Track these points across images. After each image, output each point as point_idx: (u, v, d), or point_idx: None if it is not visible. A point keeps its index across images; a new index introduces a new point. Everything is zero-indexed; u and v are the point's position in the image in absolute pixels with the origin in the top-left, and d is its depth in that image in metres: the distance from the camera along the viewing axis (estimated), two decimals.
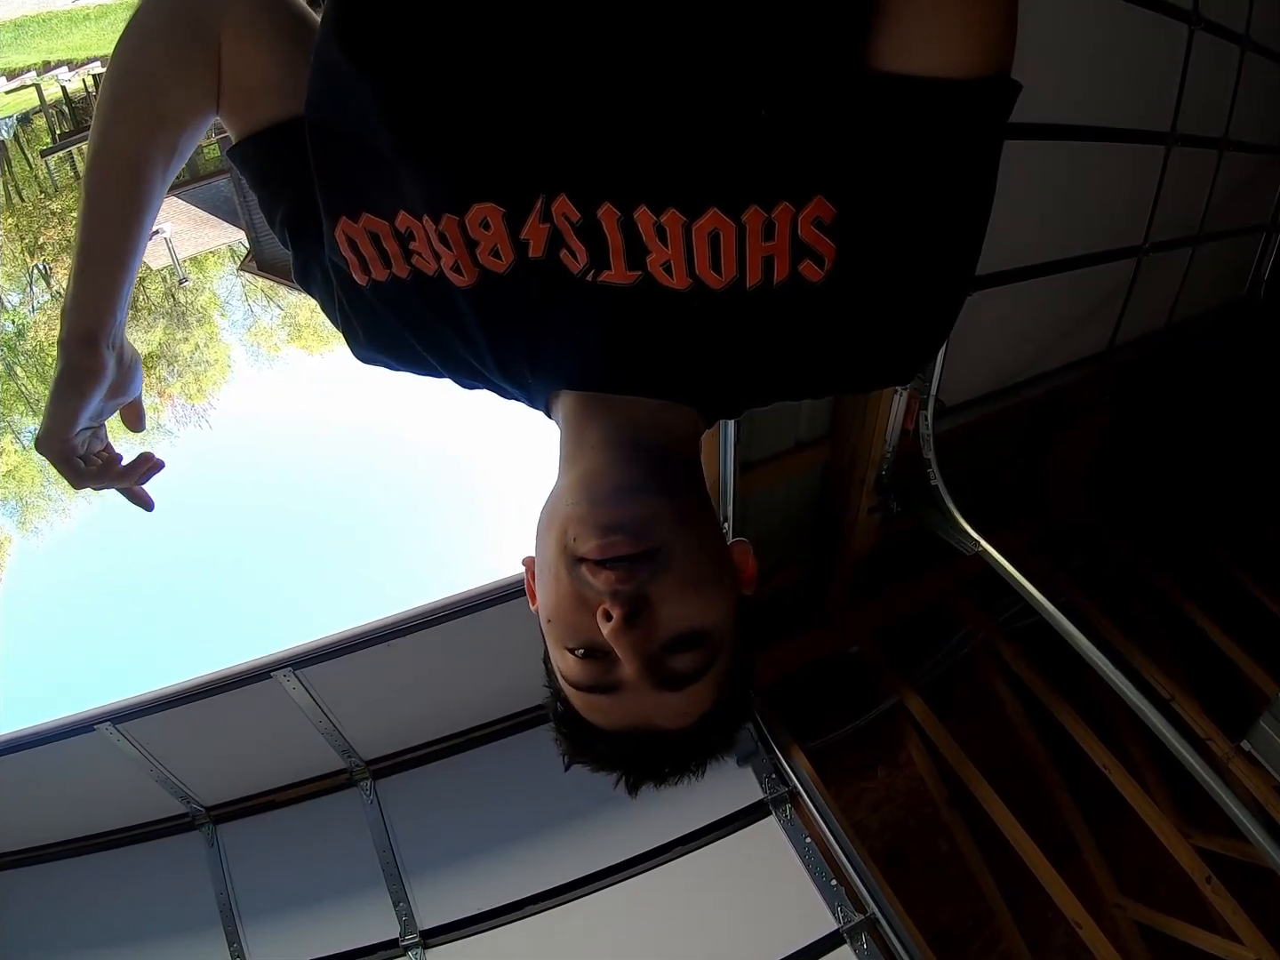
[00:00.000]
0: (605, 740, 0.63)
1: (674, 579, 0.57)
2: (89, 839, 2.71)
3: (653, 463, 0.61)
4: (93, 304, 0.66)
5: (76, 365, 0.67)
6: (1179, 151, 2.73)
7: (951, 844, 2.96)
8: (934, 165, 0.56)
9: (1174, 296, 3.20)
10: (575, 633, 0.60)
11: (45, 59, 13.79)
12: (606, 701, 0.61)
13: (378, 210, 0.61)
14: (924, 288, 0.60)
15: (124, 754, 2.53)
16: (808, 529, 2.93)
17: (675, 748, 0.63)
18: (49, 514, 17.98)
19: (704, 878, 2.38)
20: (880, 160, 0.56)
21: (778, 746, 2.51)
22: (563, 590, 0.59)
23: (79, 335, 0.66)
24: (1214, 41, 2.63)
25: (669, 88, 0.54)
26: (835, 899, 2.27)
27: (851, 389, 1.14)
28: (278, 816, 2.70)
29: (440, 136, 0.57)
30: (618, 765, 0.65)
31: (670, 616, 0.58)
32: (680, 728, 0.61)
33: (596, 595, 0.57)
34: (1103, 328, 2.98)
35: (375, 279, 0.64)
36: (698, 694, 0.60)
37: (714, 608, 0.60)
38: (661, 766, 0.65)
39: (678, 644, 0.58)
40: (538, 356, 0.64)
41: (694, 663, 0.59)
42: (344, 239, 0.63)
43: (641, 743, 0.62)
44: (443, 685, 2.62)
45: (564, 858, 2.43)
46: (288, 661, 2.43)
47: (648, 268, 0.58)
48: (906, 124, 0.55)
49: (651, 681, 0.58)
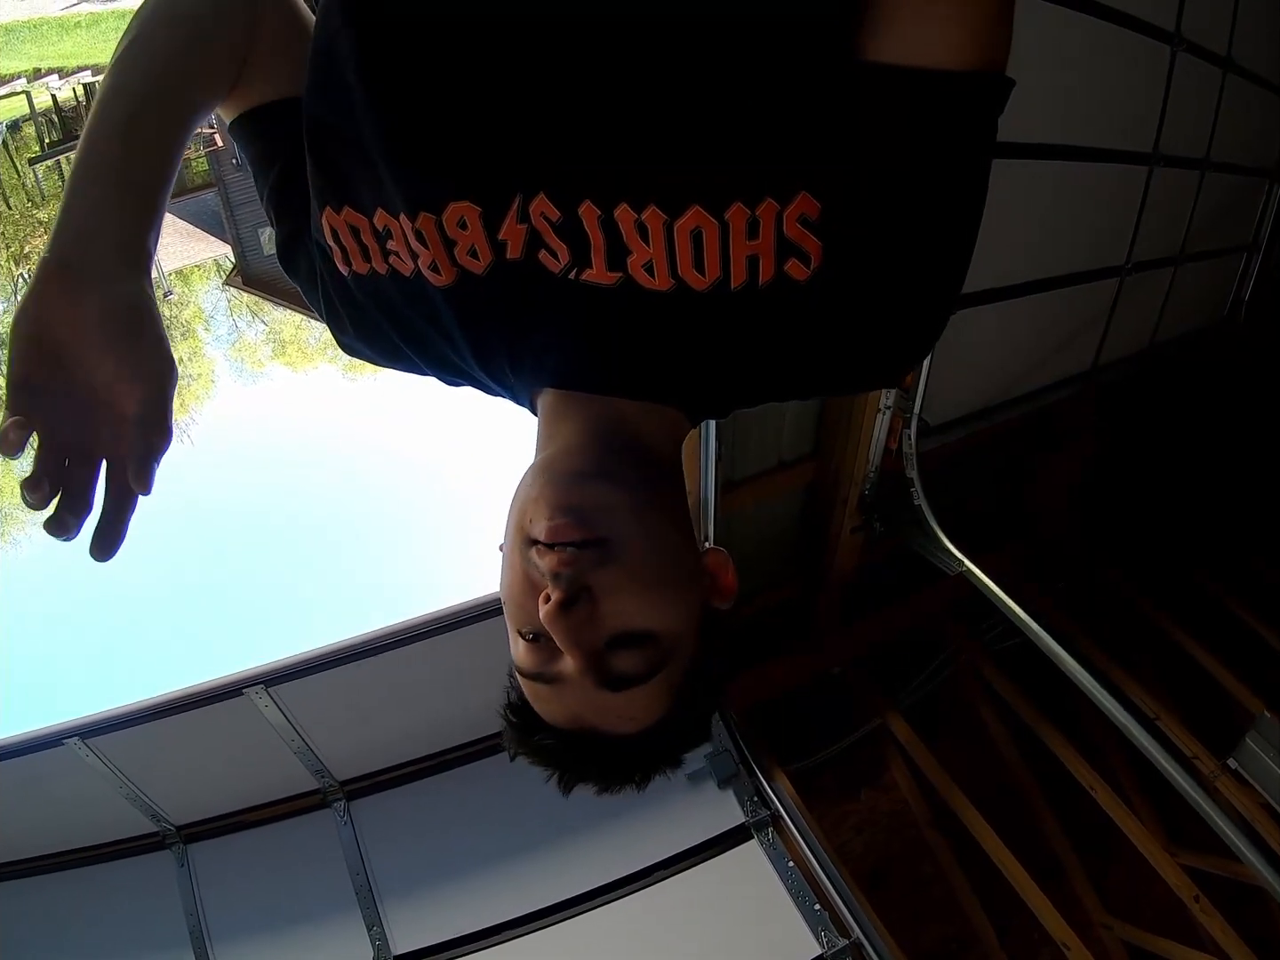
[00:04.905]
0: (547, 734, 0.61)
1: (622, 572, 0.55)
2: (55, 856, 2.64)
3: (618, 455, 0.59)
4: (140, 228, 0.54)
5: (136, 293, 0.52)
6: (1161, 172, 2.75)
7: (936, 866, 2.93)
8: (923, 158, 0.54)
9: (1156, 317, 3.23)
10: (523, 616, 0.58)
11: (35, 66, 13.74)
12: (548, 692, 0.59)
13: (358, 206, 0.60)
14: (913, 286, 0.59)
15: (93, 770, 2.47)
16: (791, 550, 2.91)
17: (614, 753, 0.61)
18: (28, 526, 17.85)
19: (685, 902, 2.34)
20: (867, 153, 0.54)
21: (760, 769, 2.47)
22: (515, 572, 0.58)
23: (130, 253, 0.53)
24: (1196, 63, 2.66)
25: (648, 82, 0.53)
26: (819, 923, 2.23)
27: (840, 390, 1.12)
28: (249, 837, 2.64)
29: (418, 133, 0.56)
30: (553, 761, 0.62)
31: (614, 611, 0.56)
32: (621, 733, 0.59)
33: (542, 578, 0.55)
34: (1086, 349, 3.00)
35: (356, 271, 0.63)
36: (640, 700, 0.58)
37: (666, 610, 0.58)
38: (598, 770, 0.62)
39: (621, 641, 0.56)
40: (518, 357, 0.63)
41: (637, 664, 0.57)
42: (328, 228, 0.62)
43: (581, 742, 0.60)
44: (419, 705, 2.59)
45: (542, 882, 2.38)
46: (260, 678, 2.39)
47: (629, 269, 0.56)
48: (895, 115, 0.53)
49: (592, 678, 0.56)
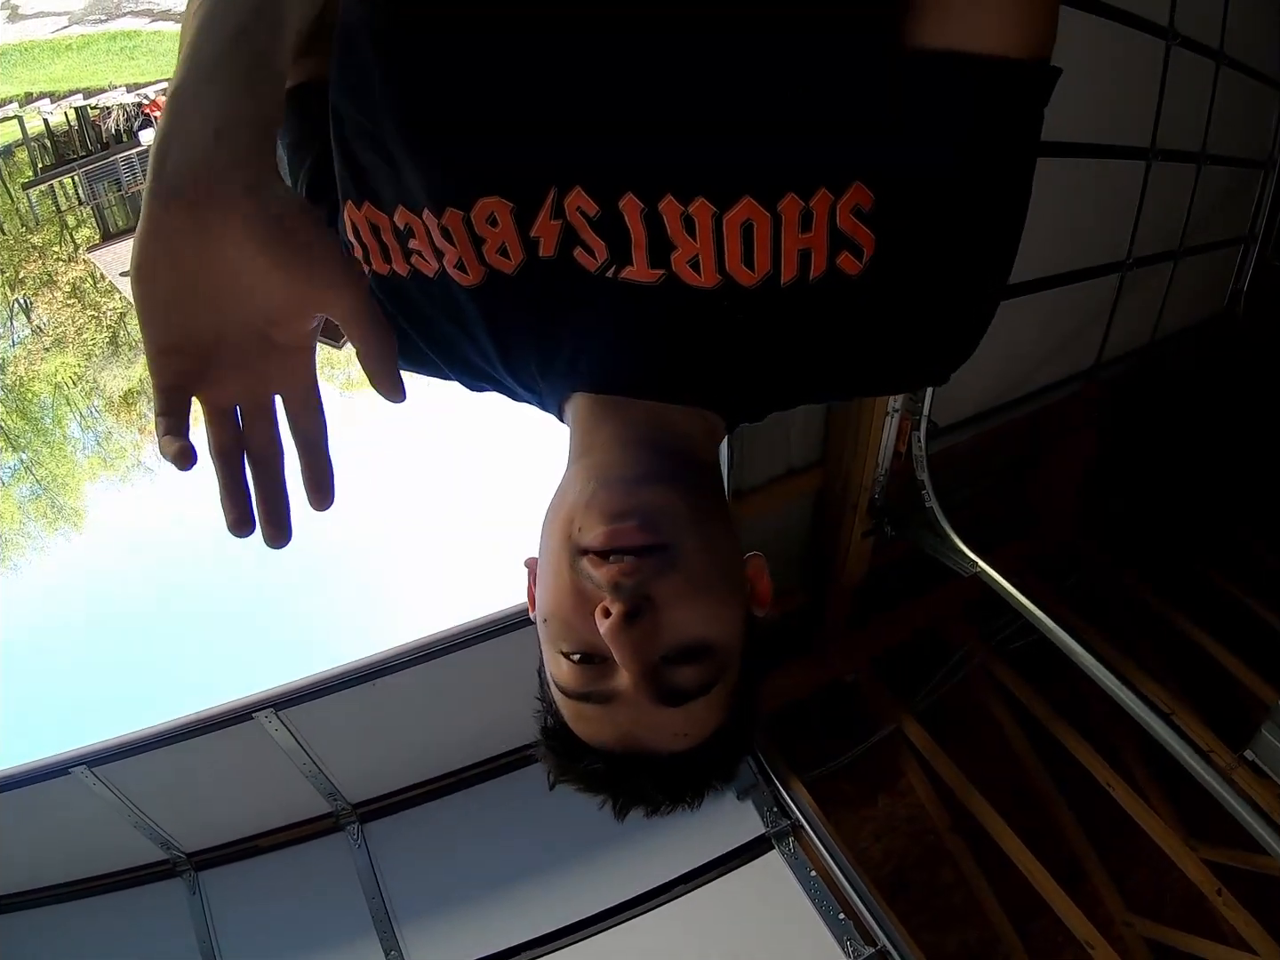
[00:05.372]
0: (594, 758, 0.57)
1: (682, 581, 0.53)
2: (65, 886, 2.60)
3: (669, 457, 0.56)
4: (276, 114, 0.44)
5: (286, 195, 0.42)
6: (1159, 166, 2.75)
7: (956, 871, 2.90)
8: (975, 147, 0.52)
9: (1157, 312, 3.23)
10: (572, 634, 0.54)
11: (27, 90, 13.74)
12: (599, 713, 0.56)
13: (378, 202, 0.57)
14: (963, 280, 0.57)
15: (101, 798, 2.43)
16: (801, 556, 2.89)
17: (669, 773, 0.57)
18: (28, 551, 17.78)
19: (707, 916, 2.31)
20: (920, 142, 0.52)
21: (777, 778, 2.45)
22: (562, 585, 0.54)
23: (269, 143, 0.42)
24: (1189, 57, 2.66)
25: (695, 65, 0.50)
26: (844, 933, 2.21)
27: (884, 389, 1.08)
28: (262, 862, 2.61)
29: (440, 121, 0.52)
30: (606, 786, 0.59)
31: (675, 622, 0.53)
32: (676, 751, 0.56)
33: (597, 591, 0.52)
34: (1089, 345, 3.00)
35: (376, 271, 0.60)
36: (698, 714, 0.55)
37: (723, 620, 0.55)
38: (653, 792, 0.58)
39: (681, 654, 0.54)
40: (549, 360, 0.60)
41: (697, 677, 0.54)
42: (349, 224, 0.59)
43: (633, 763, 0.57)
44: (431, 724, 2.55)
45: (561, 900, 2.34)
46: (269, 702, 2.36)
47: (672, 266, 0.54)
48: (948, 101, 0.51)
49: (649, 693, 0.53)
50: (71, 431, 17.86)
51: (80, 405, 17.55)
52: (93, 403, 17.57)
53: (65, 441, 17.66)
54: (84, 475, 18.03)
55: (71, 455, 17.79)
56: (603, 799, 0.59)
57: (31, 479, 17.50)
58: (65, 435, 17.68)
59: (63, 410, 17.31)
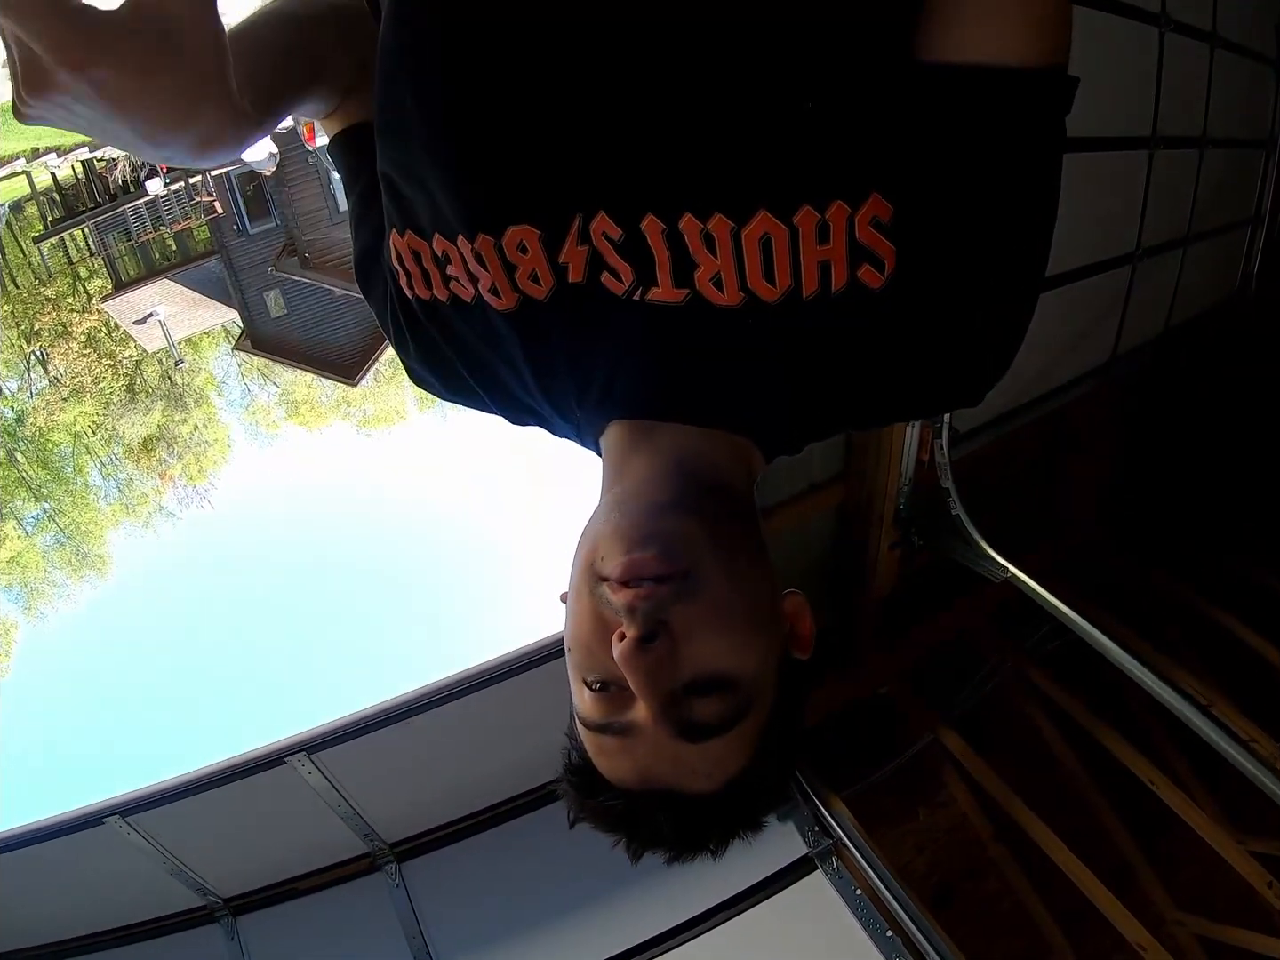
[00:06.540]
0: (613, 794, 0.56)
1: (703, 609, 0.51)
2: (101, 935, 2.59)
3: (696, 486, 0.56)
4: None
5: None
6: (1161, 154, 2.73)
7: (1002, 880, 2.85)
8: (995, 158, 0.52)
9: (1169, 301, 3.20)
10: (592, 662, 0.54)
11: (34, 145, 14.04)
12: (616, 745, 0.54)
13: (418, 230, 0.58)
14: (991, 292, 0.56)
15: (135, 847, 2.43)
16: (828, 572, 2.87)
17: (690, 814, 0.55)
18: (54, 599, 17.97)
19: (753, 942, 2.26)
20: (938, 153, 0.52)
21: (816, 797, 2.41)
22: (584, 612, 0.53)
23: None
24: (1184, 41, 2.65)
25: (706, 81, 0.50)
26: (893, 950, 2.15)
27: (918, 413, 1.05)
28: (299, 905, 2.59)
29: (470, 153, 0.54)
30: (620, 825, 0.57)
31: (694, 652, 0.51)
32: (696, 791, 0.54)
33: (616, 617, 0.51)
34: (1103, 340, 2.97)
35: (419, 296, 0.61)
36: (720, 752, 0.53)
37: (748, 653, 0.54)
38: (670, 834, 0.56)
39: (701, 686, 0.52)
40: (585, 387, 0.60)
41: (718, 712, 0.52)
42: (394, 250, 0.61)
43: (652, 801, 0.54)
44: (465, 761, 2.53)
45: (601, 932, 2.31)
46: (301, 746, 2.35)
47: (696, 285, 0.54)
48: (964, 114, 0.51)
49: (666, 725, 0.52)
50: (93, 479, 18.17)
51: (100, 453, 17.84)
52: (112, 450, 17.86)
53: (87, 489, 17.94)
54: (107, 522, 18.32)
55: (93, 503, 18.07)
56: (617, 839, 0.58)
57: (55, 527, 17.77)
58: (86, 483, 17.98)
59: (83, 459, 17.60)
